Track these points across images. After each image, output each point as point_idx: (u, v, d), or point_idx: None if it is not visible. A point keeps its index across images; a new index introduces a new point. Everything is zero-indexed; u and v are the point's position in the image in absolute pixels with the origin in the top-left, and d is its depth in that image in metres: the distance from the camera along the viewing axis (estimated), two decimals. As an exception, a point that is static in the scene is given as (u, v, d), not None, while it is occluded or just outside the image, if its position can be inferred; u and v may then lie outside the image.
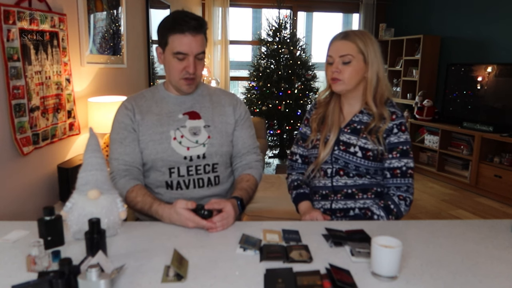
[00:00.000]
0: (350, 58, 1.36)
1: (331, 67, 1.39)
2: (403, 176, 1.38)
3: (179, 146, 1.38)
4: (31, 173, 1.97)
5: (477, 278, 0.93)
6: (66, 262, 0.79)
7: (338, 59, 1.37)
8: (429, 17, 5.19)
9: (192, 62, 1.34)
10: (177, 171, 1.39)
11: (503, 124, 3.99)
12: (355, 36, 1.36)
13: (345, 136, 1.42)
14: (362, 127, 1.41)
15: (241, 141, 1.50)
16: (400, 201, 1.36)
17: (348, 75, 1.37)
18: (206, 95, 1.49)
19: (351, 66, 1.36)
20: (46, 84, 2.01)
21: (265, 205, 2.53)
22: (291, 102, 5.10)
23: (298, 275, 0.91)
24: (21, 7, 1.80)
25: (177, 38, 1.31)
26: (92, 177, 1.09)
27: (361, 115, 1.43)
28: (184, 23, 1.30)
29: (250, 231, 1.16)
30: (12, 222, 1.21)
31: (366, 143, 1.38)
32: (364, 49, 1.36)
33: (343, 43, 1.37)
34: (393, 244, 0.92)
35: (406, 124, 1.41)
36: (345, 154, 1.39)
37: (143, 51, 3.53)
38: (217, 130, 1.44)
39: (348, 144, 1.40)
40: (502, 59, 4.16)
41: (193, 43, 1.32)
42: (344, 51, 1.36)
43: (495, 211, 3.71)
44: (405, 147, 1.38)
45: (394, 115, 1.39)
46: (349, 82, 1.38)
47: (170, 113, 1.42)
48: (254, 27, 6.49)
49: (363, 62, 1.37)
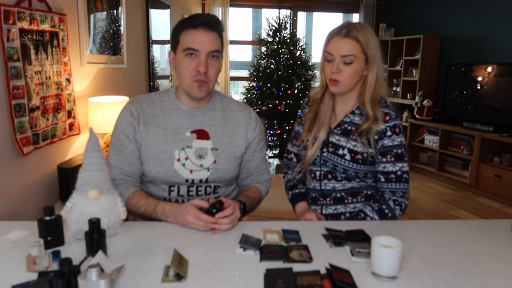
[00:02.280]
0: (353, 59, 1.28)
1: (330, 65, 1.31)
2: (398, 181, 1.32)
3: (182, 168, 1.31)
4: (31, 173, 1.97)
5: (477, 278, 0.93)
6: (66, 262, 0.79)
7: (339, 58, 1.28)
8: (429, 17, 5.19)
9: (204, 61, 1.23)
10: (177, 190, 1.34)
11: (503, 124, 3.99)
12: (357, 33, 1.27)
13: (334, 137, 1.37)
14: (352, 129, 1.35)
15: (254, 164, 1.44)
16: (395, 206, 1.33)
17: (348, 76, 1.30)
18: (219, 110, 1.37)
19: (352, 67, 1.29)
20: (46, 84, 2.01)
21: (265, 205, 2.52)
22: (291, 102, 5.10)
23: (298, 275, 0.91)
24: (21, 7, 1.80)
25: (188, 33, 1.23)
26: (92, 177, 1.08)
27: (353, 116, 1.37)
28: (197, 18, 1.24)
29: (250, 231, 1.16)
30: (12, 222, 1.21)
31: (355, 145, 1.32)
32: (366, 47, 1.28)
33: (346, 41, 1.27)
34: (393, 244, 0.92)
35: (401, 125, 1.34)
36: (333, 156, 1.35)
37: (143, 51, 3.53)
38: (225, 155, 1.34)
39: (337, 146, 1.35)
40: (502, 59, 4.16)
41: (205, 39, 1.22)
42: (347, 50, 1.27)
43: (495, 211, 3.71)
44: (399, 151, 1.32)
45: (387, 116, 1.32)
46: (349, 84, 1.31)
47: (177, 129, 1.32)
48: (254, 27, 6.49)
49: (364, 62, 1.30)
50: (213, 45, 1.24)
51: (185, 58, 1.25)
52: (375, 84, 1.33)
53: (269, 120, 5.22)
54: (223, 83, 5.67)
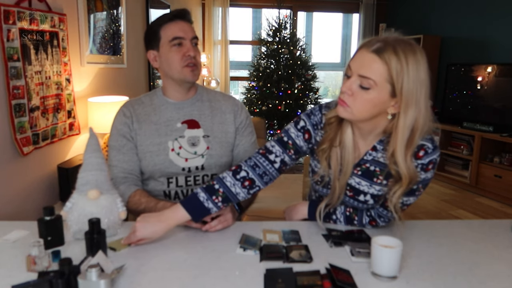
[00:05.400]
0: (371, 85, 0.97)
1: (345, 82, 1.02)
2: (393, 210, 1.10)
3: (177, 157, 1.36)
4: (31, 173, 1.97)
5: (477, 278, 0.93)
6: (66, 262, 0.79)
7: (356, 77, 0.99)
8: (429, 17, 5.19)
9: (191, 46, 1.33)
10: (175, 181, 1.38)
11: (503, 124, 3.98)
12: (392, 54, 0.95)
13: (354, 179, 1.13)
14: (376, 170, 1.10)
15: (243, 149, 1.46)
16: (368, 225, 1.19)
17: (361, 105, 1.00)
18: (205, 101, 1.45)
19: (368, 94, 0.98)
20: (46, 84, 2.01)
21: (265, 205, 2.53)
22: (291, 102, 5.10)
23: (298, 275, 0.91)
24: (21, 7, 1.80)
25: (168, 26, 1.32)
26: (92, 177, 1.09)
27: (375, 153, 1.11)
28: (170, 13, 1.35)
29: (250, 231, 1.16)
30: (12, 222, 1.21)
31: (380, 190, 1.11)
32: (396, 77, 0.95)
33: (371, 59, 0.96)
34: (393, 244, 0.92)
35: (437, 161, 1.06)
36: (353, 201, 1.16)
37: (143, 51, 3.52)
38: (217, 141, 1.40)
39: (358, 191, 1.14)
40: (502, 59, 4.16)
41: (186, 27, 1.34)
42: (367, 71, 0.97)
43: (495, 211, 3.71)
44: (416, 186, 1.09)
45: (422, 151, 1.04)
46: (360, 114, 1.02)
47: (169, 122, 1.38)
48: (254, 27, 6.48)
49: (388, 94, 0.98)
50: (193, 32, 1.36)
51: (172, 48, 1.32)
52: (411, 133, 1.00)
53: (269, 120, 5.22)
54: (223, 83, 5.67)
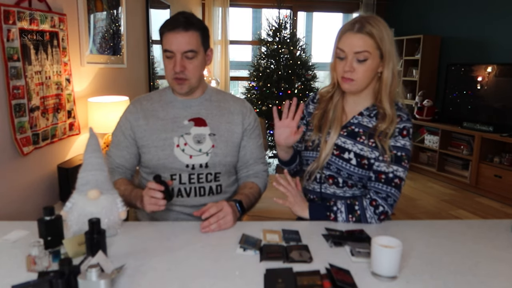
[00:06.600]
0: (367, 56, 1.20)
1: (342, 63, 1.23)
2: (386, 183, 1.22)
3: (182, 153, 1.36)
4: (31, 173, 1.97)
5: (477, 278, 0.93)
6: (66, 262, 0.79)
7: (352, 55, 1.21)
8: (429, 17, 5.19)
9: (179, 61, 1.30)
10: (178, 178, 1.37)
11: (503, 124, 3.99)
12: (371, 27, 1.19)
13: (340, 139, 1.29)
14: (360, 131, 1.28)
15: (249, 151, 1.46)
16: (369, 207, 1.23)
17: (363, 74, 1.22)
18: (214, 101, 1.45)
19: (366, 64, 1.21)
20: (46, 84, 2.01)
21: (265, 205, 2.52)
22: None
23: (298, 275, 0.91)
24: (21, 7, 1.80)
25: (166, 36, 1.31)
26: (92, 177, 1.09)
27: (361, 117, 1.30)
28: (174, 20, 1.31)
29: (250, 231, 1.16)
30: (12, 222, 1.21)
31: (362, 149, 1.26)
32: (381, 43, 1.20)
33: (359, 37, 1.20)
34: (393, 244, 0.92)
35: (410, 129, 1.26)
36: (338, 160, 1.28)
37: (143, 51, 3.53)
38: (223, 140, 1.40)
39: (343, 148, 1.28)
40: (502, 59, 4.16)
41: (180, 40, 1.28)
42: (361, 47, 1.20)
43: (495, 211, 3.71)
44: (399, 153, 1.23)
45: (398, 118, 1.26)
46: (362, 82, 1.24)
47: (176, 118, 1.39)
48: (254, 27, 6.49)
49: (379, 58, 1.23)
50: (187, 45, 1.30)
51: (165, 58, 1.34)
52: (392, 81, 1.26)
53: (269, 120, 5.22)
54: (223, 83, 5.67)
